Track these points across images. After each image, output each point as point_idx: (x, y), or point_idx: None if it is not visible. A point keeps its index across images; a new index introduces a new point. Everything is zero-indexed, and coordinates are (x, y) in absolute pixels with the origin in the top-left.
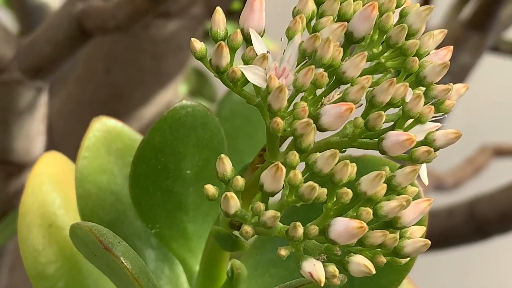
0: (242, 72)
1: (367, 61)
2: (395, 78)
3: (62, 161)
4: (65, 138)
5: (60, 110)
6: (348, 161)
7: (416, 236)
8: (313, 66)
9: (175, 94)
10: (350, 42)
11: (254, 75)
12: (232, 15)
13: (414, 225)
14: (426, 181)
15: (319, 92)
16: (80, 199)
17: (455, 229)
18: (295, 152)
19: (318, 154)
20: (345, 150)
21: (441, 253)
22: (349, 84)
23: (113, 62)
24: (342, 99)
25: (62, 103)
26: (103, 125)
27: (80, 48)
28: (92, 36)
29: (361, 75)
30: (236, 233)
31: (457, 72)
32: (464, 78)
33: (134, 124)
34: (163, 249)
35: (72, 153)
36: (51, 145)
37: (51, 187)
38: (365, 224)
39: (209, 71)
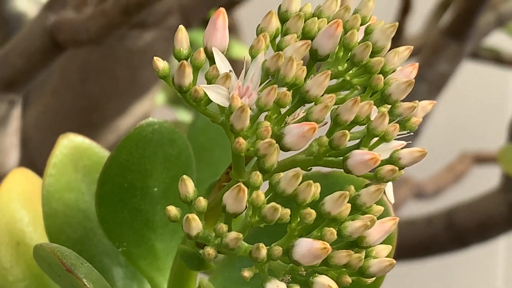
0: (205, 91)
1: (333, 79)
2: (359, 97)
3: (31, 178)
4: (41, 149)
5: (36, 121)
6: (311, 181)
7: (382, 255)
8: (276, 85)
9: (152, 104)
10: (315, 59)
11: (216, 94)
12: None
13: (381, 243)
14: (392, 199)
15: (284, 110)
16: (47, 217)
17: (434, 238)
18: (258, 172)
19: (282, 174)
20: (311, 168)
21: (421, 262)
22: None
23: (89, 72)
24: (305, 118)
25: (38, 114)
26: (70, 142)
27: (53, 61)
28: (65, 48)
29: (327, 92)
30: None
31: (436, 80)
32: (443, 86)
33: (111, 135)
34: (132, 267)
35: None
36: (27, 157)
37: (20, 204)
38: (328, 245)
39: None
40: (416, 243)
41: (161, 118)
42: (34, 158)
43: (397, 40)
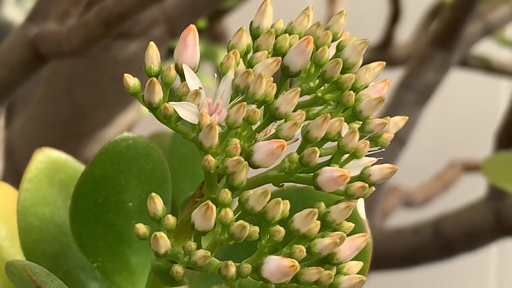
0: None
1: (305, 95)
2: (328, 114)
3: (8, 192)
4: (27, 159)
5: (22, 131)
6: (279, 199)
7: (353, 271)
8: (244, 103)
9: (138, 114)
10: (287, 75)
11: (186, 112)
12: (198, 33)
13: (355, 259)
14: (363, 215)
15: (255, 126)
16: (22, 232)
17: (421, 247)
18: (227, 190)
19: (251, 191)
20: (283, 184)
21: (411, 271)
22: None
23: (74, 83)
24: (275, 135)
25: (24, 123)
26: (45, 157)
27: (36, 72)
28: (47, 60)
29: (300, 108)
30: None
31: (423, 89)
32: (429, 95)
33: (97, 145)
34: (107, 282)
35: None
36: (12, 166)
37: None
38: (297, 263)
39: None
40: (403, 252)
41: (136, 133)
42: (20, 168)
43: (387, 48)
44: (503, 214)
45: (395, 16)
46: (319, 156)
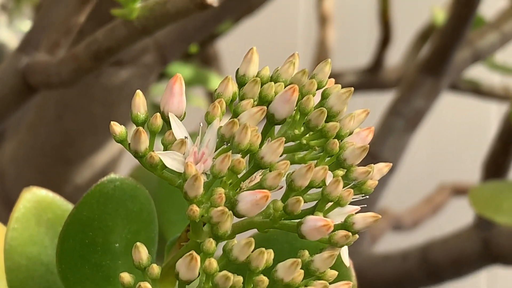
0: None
1: (290, 141)
2: (313, 164)
3: None
4: (17, 184)
5: (13, 156)
6: (263, 249)
7: None
8: (229, 153)
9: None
10: (272, 123)
11: (172, 161)
12: (190, 58)
13: None
14: (347, 263)
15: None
16: (9, 271)
17: (409, 274)
18: (211, 239)
19: (235, 241)
20: (268, 231)
21: None
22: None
23: (65, 109)
24: (259, 185)
25: (14, 149)
26: (33, 196)
27: (26, 102)
28: (37, 90)
29: (286, 152)
30: None
31: (412, 115)
32: (418, 122)
33: (87, 171)
34: None
35: None
36: (3, 191)
37: None
38: None
39: None
40: (391, 278)
41: (122, 175)
42: (10, 192)
43: (377, 71)
44: (490, 241)
45: (385, 39)
46: (304, 202)
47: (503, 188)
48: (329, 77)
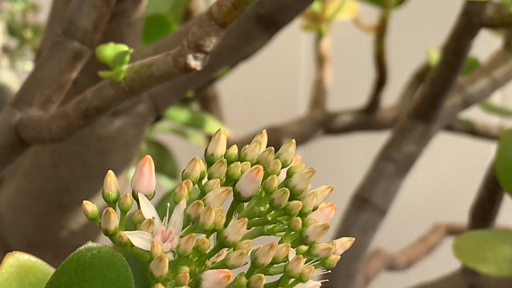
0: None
1: (257, 217)
2: (275, 242)
3: None
4: (13, 230)
5: (9, 201)
6: None
7: None
8: (194, 234)
9: (124, 184)
10: (238, 200)
11: (140, 240)
12: (187, 101)
13: None
14: None
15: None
16: None
17: None
18: None
19: None
20: None
21: None
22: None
23: (60, 157)
24: (223, 263)
25: (11, 194)
26: (16, 260)
27: (19, 155)
28: (30, 145)
29: (254, 225)
30: None
31: (403, 160)
32: (410, 166)
33: (81, 218)
34: None
35: (20, 245)
36: (0, 236)
37: None
38: None
39: (171, 144)
40: None
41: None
42: (6, 237)
43: (373, 112)
44: (477, 287)
45: (381, 81)
46: (271, 275)
47: (487, 237)
48: (327, 117)
